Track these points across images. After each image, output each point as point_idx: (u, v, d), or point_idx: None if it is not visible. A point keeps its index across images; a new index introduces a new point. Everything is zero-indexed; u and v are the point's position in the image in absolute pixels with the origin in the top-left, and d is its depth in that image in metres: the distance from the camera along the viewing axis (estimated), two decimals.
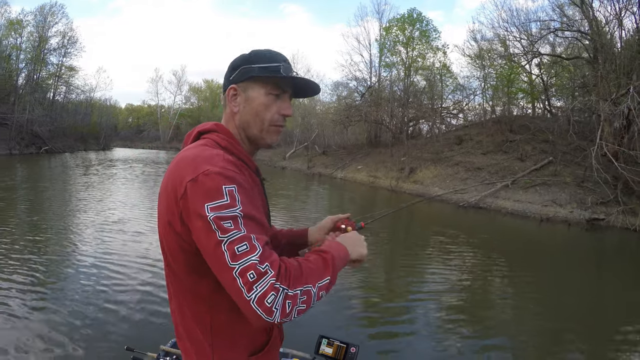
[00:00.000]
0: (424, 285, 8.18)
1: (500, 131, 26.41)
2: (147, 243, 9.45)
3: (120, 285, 6.66)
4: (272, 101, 1.51)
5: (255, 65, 1.49)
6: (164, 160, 41.30)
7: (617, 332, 6.38)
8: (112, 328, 5.16)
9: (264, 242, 1.25)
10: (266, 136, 1.55)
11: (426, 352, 5.30)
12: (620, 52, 19.98)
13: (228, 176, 1.26)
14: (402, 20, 32.68)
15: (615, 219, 16.37)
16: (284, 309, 1.20)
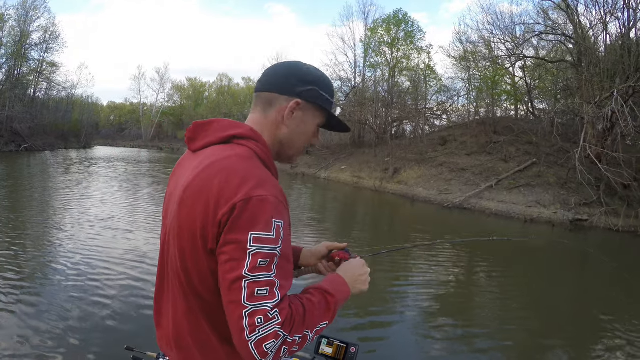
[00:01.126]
0: (411, 286, 8.18)
1: (484, 132, 26.65)
2: (140, 243, 9.35)
3: (120, 284, 6.57)
4: (316, 131, 1.54)
5: (324, 93, 1.47)
6: (145, 159, 40.89)
7: (600, 330, 6.47)
8: (112, 328, 5.10)
9: (285, 292, 1.22)
10: (295, 157, 1.56)
11: (421, 350, 5.35)
12: (605, 56, 20.25)
13: (279, 210, 1.22)
14: (388, 20, 32.86)
15: (599, 219, 16.63)
16: (277, 353, 1.19)
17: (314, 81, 1.45)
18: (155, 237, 10.10)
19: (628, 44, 18.98)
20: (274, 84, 1.46)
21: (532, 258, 11.59)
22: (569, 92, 23.98)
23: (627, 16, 19.60)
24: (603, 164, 17.54)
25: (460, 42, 29.98)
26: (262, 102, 1.48)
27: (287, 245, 1.26)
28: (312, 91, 1.44)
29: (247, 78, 72.25)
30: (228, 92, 68.46)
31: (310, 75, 1.46)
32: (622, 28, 19.99)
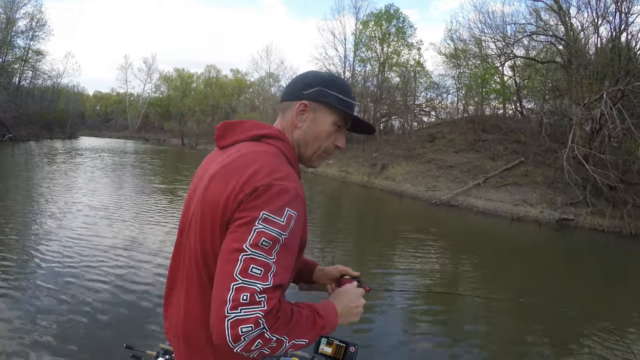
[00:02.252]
0: (399, 283, 8.17)
1: (472, 130, 26.84)
2: (141, 238, 9.28)
3: (120, 283, 6.52)
4: (334, 131, 1.55)
5: (332, 92, 1.50)
6: (132, 150, 40.42)
7: (584, 326, 6.63)
8: (111, 326, 5.09)
9: (279, 281, 1.22)
10: (315, 160, 1.59)
11: (416, 349, 5.42)
12: (595, 59, 20.47)
13: (297, 203, 1.27)
14: (379, 15, 32.82)
15: (584, 219, 16.89)
16: (250, 344, 1.17)
17: (320, 82, 1.51)
18: (152, 229, 10.14)
19: (618, 47, 19.24)
20: (287, 94, 1.57)
21: (522, 256, 11.75)
22: (557, 93, 24.25)
23: (619, 20, 19.84)
24: (590, 164, 17.79)
25: (451, 39, 30.13)
26: (280, 111, 1.59)
27: (294, 240, 1.29)
28: (318, 91, 1.50)
29: (235, 70, 71.49)
30: (216, 84, 67.63)
31: (316, 79, 1.53)
32: (613, 31, 20.24)
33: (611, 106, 16.85)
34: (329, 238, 11.31)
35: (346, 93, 1.53)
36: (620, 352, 5.65)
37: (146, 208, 12.56)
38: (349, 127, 1.62)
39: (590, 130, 19.77)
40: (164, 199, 14.96)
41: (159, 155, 36.30)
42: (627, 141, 17.60)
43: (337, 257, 9.26)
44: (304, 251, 1.52)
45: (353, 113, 1.54)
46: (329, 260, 8.70)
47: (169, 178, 21.77)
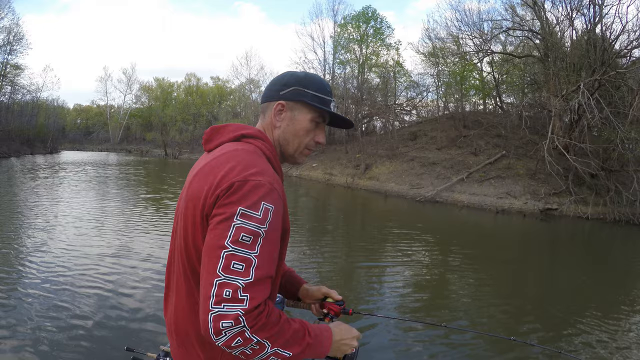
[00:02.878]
0: (386, 281, 8.15)
1: (453, 127, 27.14)
2: (134, 245, 9.22)
3: (120, 285, 6.52)
4: (312, 128, 1.59)
5: (308, 90, 1.55)
6: (115, 162, 39.89)
7: (572, 312, 6.70)
8: (112, 328, 5.08)
9: (263, 275, 1.25)
10: (298, 156, 1.63)
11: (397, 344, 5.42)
12: (571, 51, 20.82)
13: (272, 197, 1.31)
14: (357, 17, 33.02)
15: (568, 208, 17.16)
16: (230, 340, 1.20)
17: (295, 82, 1.56)
18: (144, 236, 10.10)
19: (594, 39, 19.59)
20: (265, 95, 1.62)
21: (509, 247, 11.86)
22: (536, 86, 24.61)
23: (593, 12, 20.22)
24: (571, 154, 18.11)
25: (429, 38, 30.40)
26: (261, 112, 1.65)
27: (275, 233, 1.32)
28: (294, 90, 1.55)
29: (215, 77, 70.96)
30: (196, 92, 67.03)
31: (292, 78, 1.58)
32: (587, 24, 20.63)
33: (589, 96, 17.18)
34: (315, 239, 11.34)
35: (322, 90, 1.57)
36: (606, 335, 5.78)
37: (135, 217, 12.50)
38: (328, 122, 1.68)
39: (569, 121, 20.14)
40: (152, 207, 14.88)
41: (142, 166, 35.90)
42: (606, 130, 17.92)
43: (325, 258, 9.27)
44: (288, 240, 1.53)
45: (329, 109, 1.58)
46: (317, 263, 8.73)
47: (155, 187, 21.58)
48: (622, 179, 17.69)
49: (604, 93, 18.13)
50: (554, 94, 19.80)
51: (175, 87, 70.62)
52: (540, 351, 5.04)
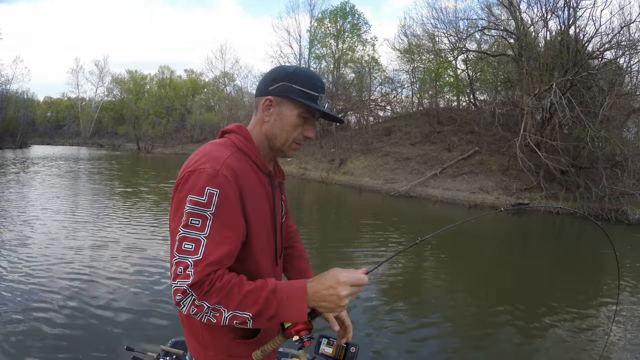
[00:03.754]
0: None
1: (427, 123, 27.47)
2: (133, 239, 9.25)
3: (120, 285, 6.50)
4: (300, 123, 1.61)
5: (296, 86, 1.56)
6: (87, 157, 38.87)
7: (543, 304, 6.94)
8: (113, 328, 5.09)
9: (211, 252, 1.37)
10: (287, 150, 1.66)
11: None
12: (544, 51, 21.34)
13: (217, 181, 1.40)
14: (335, 12, 33.13)
15: (539, 203, 17.56)
16: (188, 310, 1.36)
17: (284, 77, 1.58)
18: (140, 234, 10.09)
19: (567, 40, 20.11)
20: (257, 90, 1.68)
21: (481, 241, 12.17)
22: (509, 85, 25.07)
23: (567, 14, 20.74)
24: (542, 151, 18.60)
25: (405, 35, 30.67)
26: (254, 106, 1.71)
27: (227, 214, 1.41)
28: (282, 86, 1.57)
29: (189, 70, 69.59)
30: (170, 85, 65.80)
31: (282, 73, 1.60)
32: (562, 25, 21.13)
33: (560, 96, 17.69)
34: None
35: (310, 85, 1.58)
36: (577, 327, 6.05)
37: (126, 211, 12.50)
38: (319, 117, 1.70)
39: (541, 119, 20.65)
40: (131, 200, 14.85)
41: (116, 161, 35.27)
42: (576, 128, 18.52)
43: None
44: (263, 227, 1.59)
45: (316, 105, 1.58)
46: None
47: (131, 181, 21.40)
48: (592, 175, 18.23)
49: (576, 93, 18.63)
50: (527, 93, 20.27)
51: (148, 79, 69.03)
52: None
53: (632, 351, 5.39)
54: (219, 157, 1.46)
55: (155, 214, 12.65)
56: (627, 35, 19.28)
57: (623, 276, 9.32)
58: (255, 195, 1.54)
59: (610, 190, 16.75)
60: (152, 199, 15.65)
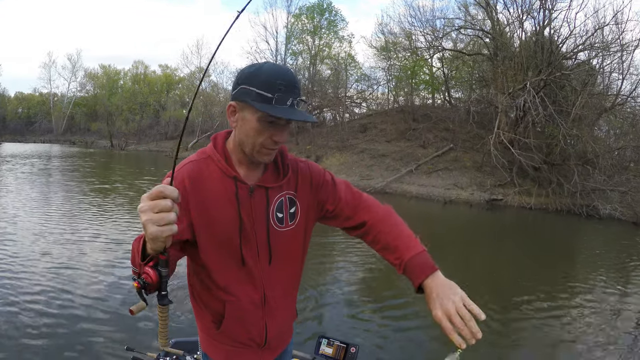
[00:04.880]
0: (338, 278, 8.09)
1: (403, 120, 27.71)
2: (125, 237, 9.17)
3: (120, 285, 6.39)
4: (264, 127, 1.47)
5: (252, 88, 1.43)
6: (60, 154, 37.39)
7: (516, 295, 7.17)
8: (113, 328, 5.03)
9: None
10: (257, 156, 1.54)
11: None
12: (519, 51, 21.77)
13: (166, 180, 1.40)
14: (312, 9, 33.19)
15: (512, 199, 18.08)
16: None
17: (244, 79, 1.47)
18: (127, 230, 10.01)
19: (542, 41, 20.66)
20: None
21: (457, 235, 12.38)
22: (484, 83, 25.55)
23: (543, 16, 21.34)
24: (515, 148, 19.05)
25: (382, 32, 30.91)
26: None
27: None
28: (241, 90, 1.46)
29: (164, 65, 68.02)
30: (144, 80, 64.44)
31: (242, 75, 1.48)
32: (537, 26, 21.70)
33: (534, 95, 18.20)
34: None
35: (267, 86, 1.42)
36: (550, 318, 6.22)
37: (113, 208, 12.36)
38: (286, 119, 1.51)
39: (515, 117, 21.14)
40: (111, 196, 14.76)
41: (90, 158, 34.21)
42: (549, 126, 19.07)
43: None
44: (226, 229, 1.56)
45: (269, 107, 1.42)
46: None
47: (107, 178, 21.13)
48: (564, 172, 18.80)
49: (549, 92, 19.19)
50: (501, 91, 20.73)
51: (122, 74, 67.50)
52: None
53: (603, 335, 5.68)
54: (181, 165, 1.55)
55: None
56: (600, 37, 20.00)
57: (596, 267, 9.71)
58: (212, 200, 1.54)
59: (581, 186, 17.33)
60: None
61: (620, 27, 19.61)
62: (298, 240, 1.71)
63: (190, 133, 43.69)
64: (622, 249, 12.12)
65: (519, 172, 19.15)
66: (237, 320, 1.64)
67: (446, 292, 1.49)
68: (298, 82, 1.49)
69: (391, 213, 1.74)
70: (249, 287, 1.63)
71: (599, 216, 16.29)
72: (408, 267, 1.56)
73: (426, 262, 1.57)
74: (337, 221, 1.77)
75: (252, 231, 1.59)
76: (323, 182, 1.73)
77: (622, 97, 20.33)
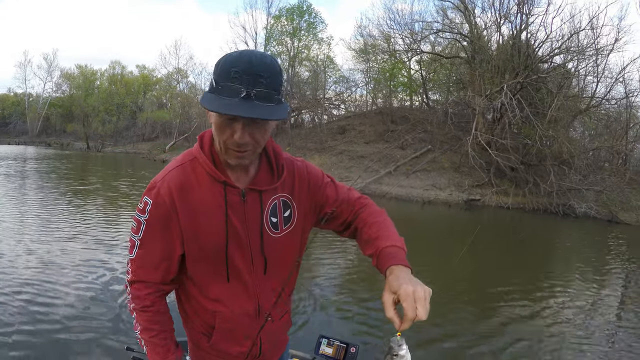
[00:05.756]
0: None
1: (381, 122, 27.95)
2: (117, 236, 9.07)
3: (120, 284, 6.28)
4: (225, 124, 1.31)
5: (213, 78, 1.29)
6: (36, 156, 36.44)
7: (494, 291, 7.33)
8: (113, 328, 4.98)
9: (142, 255, 1.47)
10: (226, 157, 1.39)
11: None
12: (496, 55, 22.20)
13: (152, 193, 1.44)
14: (292, 10, 33.25)
15: (490, 198, 18.40)
16: (128, 305, 1.51)
17: (213, 71, 1.31)
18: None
19: (519, 44, 21.15)
20: None
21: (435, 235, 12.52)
22: (461, 85, 25.92)
23: (520, 20, 21.84)
24: (493, 149, 19.38)
25: (361, 35, 31.16)
26: None
27: (157, 222, 1.44)
28: (210, 83, 1.30)
29: (141, 66, 66.70)
30: (121, 81, 63.21)
31: (214, 68, 1.30)
32: (514, 30, 22.20)
33: (511, 97, 18.57)
34: None
35: (220, 76, 1.25)
36: (528, 313, 6.36)
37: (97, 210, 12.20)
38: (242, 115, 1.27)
39: (492, 119, 21.56)
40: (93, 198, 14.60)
41: (67, 160, 33.28)
42: (525, 128, 19.42)
43: None
44: (213, 240, 1.46)
45: (208, 100, 1.26)
46: None
47: (85, 180, 20.82)
48: (540, 172, 19.20)
49: (525, 94, 19.61)
50: (479, 94, 21.06)
51: (99, 75, 66.31)
52: None
53: (581, 328, 5.86)
54: (164, 170, 1.47)
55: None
56: (576, 41, 20.55)
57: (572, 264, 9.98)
58: (201, 209, 1.43)
59: (557, 186, 17.74)
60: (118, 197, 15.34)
61: (596, 32, 20.26)
62: (294, 245, 1.60)
63: (167, 134, 43.27)
64: (597, 245, 12.52)
65: (497, 173, 19.49)
66: (228, 333, 1.55)
67: (412, 280, 1.29)
68: (266, 70, 1.24)
69: (384, 214, 1.66)
70: (242, 298, 1.52)
71: (575, 215, 16.73)
72: (381, 255, 1.44)
73: (401, 256, 1.42)
74: (334, 224, 1.67)
75: (246, 239, 1.48)
76: (322, 183, 1.62)
77: (597, 100, 21.00)
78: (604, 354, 5.13)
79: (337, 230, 1.68)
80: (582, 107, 20.93)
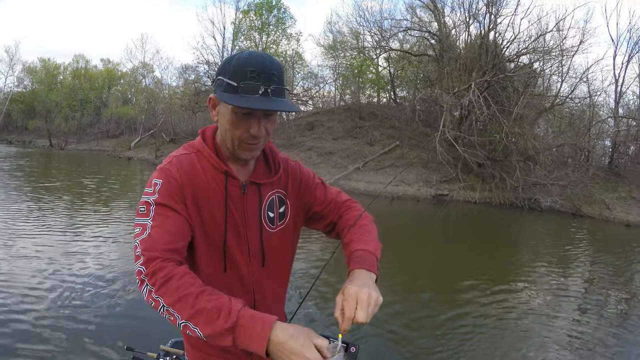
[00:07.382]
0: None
1: (350, 118, 28.13)
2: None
3: (120, 284, 6.26)
4: (239, 119, 1.40)
5: (225, 78, 1.38)
6: None
7: (462, 283, 7.48)
8: (113, 328, 4.96)
9: (156, 235, 1.34)
10: (238, 151, 1.47)
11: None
12: (464, 53, 22.62)
13: (162, 174, 1.43)
14: (261, 5, 33.07)
15: (458, 193, 18.80)
16: (147, 298, 1.29)
17: (220, 70, 1.42)
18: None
19: (486, 44, 21.66)
20: None
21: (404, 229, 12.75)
22: (429, 83, 26.23)
23: (488, 21, 22.46)
24: (460, 145, 19.79)
25: (331, 31, 31.32)
26: None
27: (168, 200, 1.40)
28: (218, 81, 1.41)
29: (105, 60, 64.56)
30: (85, 76, 61.06)
31: (220, 65, 1.43)
32: (482, 30, 22.80)
33: (478, 95, 18.96)
34: None
35: (236, 75, 1.35)
36: (495, 303, 6.58)
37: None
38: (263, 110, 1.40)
39: (459, 116, 21.98)
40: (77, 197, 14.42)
41: (30, 158, 31.92)
42: (492, 125, 19.85)
43: None
44: (216, 228, 1.49)
45: (234, 97, 1.34)
46: None
47: (49, 178, 20.32)
48: (506, 167, 19.71)
49: (493, 92, 20.06)
50: (446, 91, 21.43)
51: (62, 69, 63.99)
52: None
53: (546, 318, 6.06)
54: (172, 155, 1.50)
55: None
56: (542, 42, 21.21)
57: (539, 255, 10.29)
58: (205, 197, 1.47)
59: (523, 181, 18.25)
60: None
61: (562, 34, 21.05)
62: (288, 241, 1.66)
63: (133, 131, 42.42)
64: (561, 237, 12.98)
65: (464, 168, 19.91)
66: None
67: (364, 284, 1.38)
68: (277, 69, 1.37)
69: (367, 218, 1.70)
70: (238, 291, 1.53)
71: (541, 209, 17.28)
72: (351, 258, 1.50)
73: (369, 261, 1.49)
74: (321, 224, 1.75)
75: (244, 231, 1.52)
76: (312, 184, 1.73)
77: (561, 98, 21.77)
78: (567, 343, 5.31)
79: (324, 231, 1.78)
80: (547, 105, 21.71)
